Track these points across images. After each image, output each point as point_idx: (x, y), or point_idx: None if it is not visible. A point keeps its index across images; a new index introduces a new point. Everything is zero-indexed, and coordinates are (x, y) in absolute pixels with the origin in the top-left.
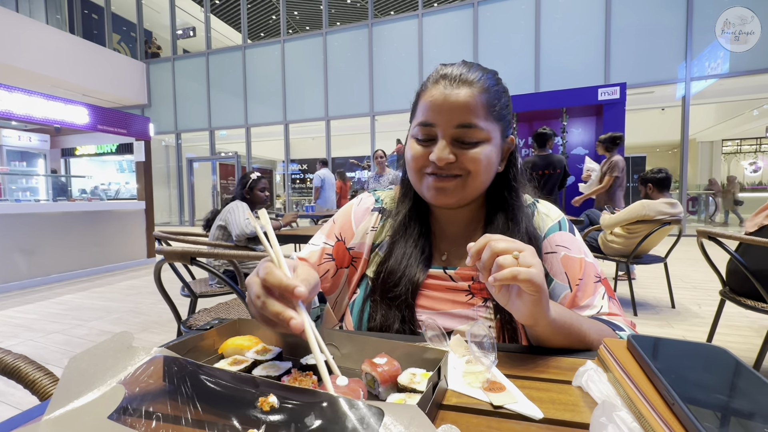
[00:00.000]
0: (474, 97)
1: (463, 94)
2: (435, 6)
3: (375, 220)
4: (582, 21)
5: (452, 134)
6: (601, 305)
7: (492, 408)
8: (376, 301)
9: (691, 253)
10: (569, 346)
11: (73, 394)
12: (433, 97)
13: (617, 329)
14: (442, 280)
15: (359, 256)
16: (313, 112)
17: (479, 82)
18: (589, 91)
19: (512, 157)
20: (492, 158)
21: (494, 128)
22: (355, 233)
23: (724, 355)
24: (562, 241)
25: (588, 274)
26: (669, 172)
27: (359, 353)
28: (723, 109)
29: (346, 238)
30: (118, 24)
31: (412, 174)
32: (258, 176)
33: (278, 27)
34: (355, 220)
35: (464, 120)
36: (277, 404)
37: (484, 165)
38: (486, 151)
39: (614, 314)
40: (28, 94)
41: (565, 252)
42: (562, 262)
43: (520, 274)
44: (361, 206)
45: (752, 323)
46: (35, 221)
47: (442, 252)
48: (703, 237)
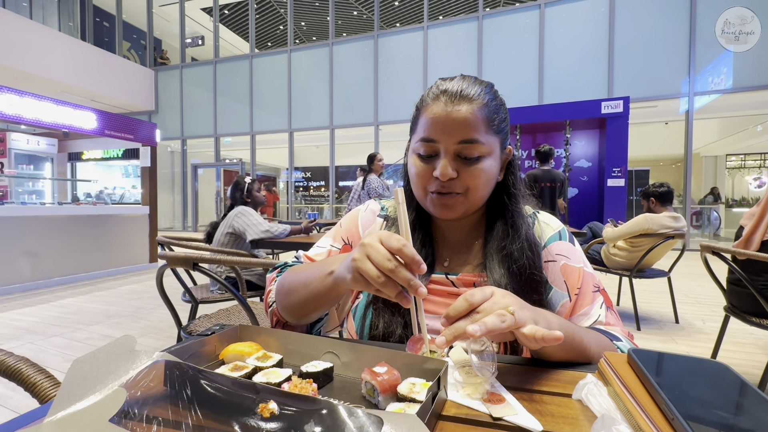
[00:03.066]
0: (474, 113)
1: (464, 110)
2: (440, 19)
3: (380, 225)
4: (586, 34)
5: (454, 150)
6: (599, 314)
7: (491, 420)
8: (378, 309)
9: (695, 268)
10: (570, 359)
11: (75, 397)
12: (434, 114)
13: (615, 339)
14: (444, 285)
15: None
16: (317, 121)
17: (479, 97)
18: (593, 105)
19: (510, 165)
20: (492, 171)
21: (494, 141)
22: (362, 237)
23: (725, 371)
24: (561, 250)
25: (586, 283)
26: (671, 186)
27: (359, 362)
28: (727, 124)
29: (353, 242)
30: (129, 32)
31: (417, 189)
32: (251, 179)
33: (285, 37)
34: (362, 225)
35: (466, 136)
36: (277, 411)
37: (484, 180)
38: (486, 166)
39: (612, 324)
40: (38, 98)
41: (565, 261)
42: (562, 271)
43: (505, 322)
44: (368, 211)
45: (757, 340)
46: (40, 224)
47: (444, 258)
48: (706, 252)
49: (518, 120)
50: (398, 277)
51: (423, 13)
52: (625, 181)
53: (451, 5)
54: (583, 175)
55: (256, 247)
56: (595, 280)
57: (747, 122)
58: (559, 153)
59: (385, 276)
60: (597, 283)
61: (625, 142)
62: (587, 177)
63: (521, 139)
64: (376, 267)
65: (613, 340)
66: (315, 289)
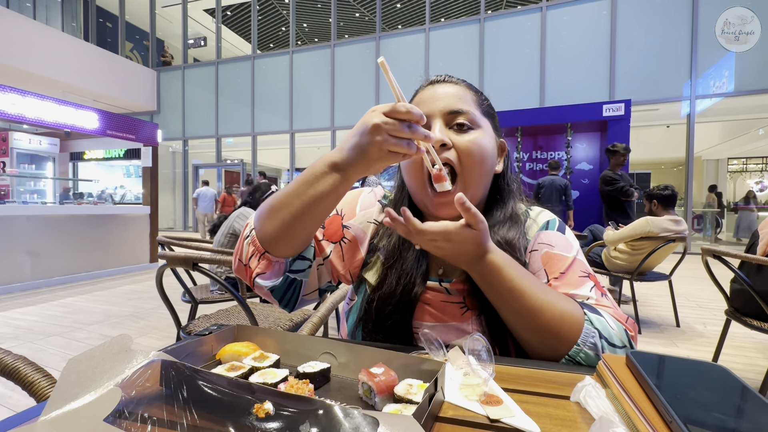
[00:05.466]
0: (461, 90)
1: (450, 88)
2: (442, 21)
3: (379, 212)
4: (587, 37)
5: (445, 120)
6: (588, 297)
7: (488, 422)
8: (370, 332)
9: (697, 272)
10: (514, 316)
11: (70, 396)
12: (423, 97)
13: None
14: (438, 292)
15: (354, 241)
16: (319, 122)
17: (464, 82)
18: (594, 107)
19: (506, 160)
20: (487, 148)
21: (484, 120)
22: (357, 214)
23: (724, 374)
24: (544, 239)
25: (573, 269)
26: (675, 189)
27: (356, 362)
28: (728, 127)
29: (345, 215)
30: (132, 32)
31: (413, 179)
32: (276, 189)
33: (287, 38)
34: (361, 203)
35: (454, 106)
36: (273, 411)
37: (479, 153)
38: (479, 137)
39: (605, 306)
40: (40, 98)
41: (547, 249)
42: (542, 259)
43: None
44: (371, 194)
45: (758, 344)
46: (40, 223)
47: (439, 265)
48: (708, 255)
49: (519, 122)
50: (401, 133)
51: (425, 15)
52: None
53: (453, 7)
54: (584, 178)
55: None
56: (585, 267)
57: (749, 126)
58: (561, 155)
59: (406, 142)
60: (587, 270)
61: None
62: (588, 180)
63: (522, 141)
64: (399, 137)
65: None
66: (311, 195)
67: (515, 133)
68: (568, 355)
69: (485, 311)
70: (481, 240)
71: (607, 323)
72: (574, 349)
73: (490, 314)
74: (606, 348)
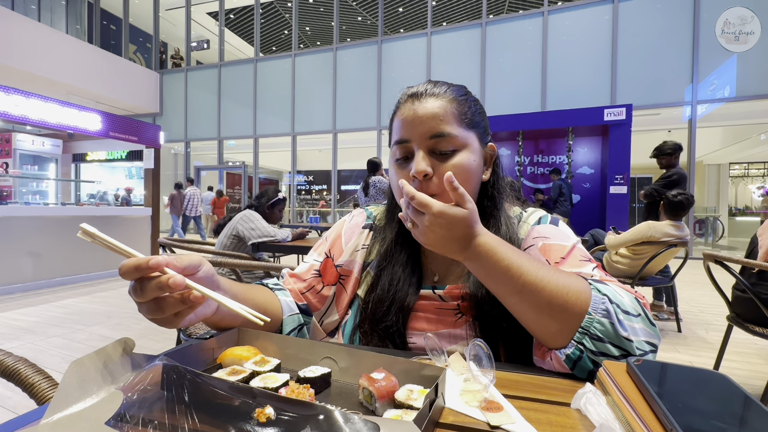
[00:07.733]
0: (443, 107)
1: (431, 105)
2: (444, 25)
3: (366, 237)
4: (589, 42)
5: (427, 146)
6: (591, 275)
7: (489, 428)
8: (365, 332)
9: (698, 277)
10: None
11: (72, 399)
12: (404, 115)
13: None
14: (432, 300)
15: (348, 274)
16: (320, 125)
17: (446, 94)
18: (595, 112)
19: (495, 165)
20: (472, 166)
21: (469, 135)
22: (344, 251)
23: (725, 382)
24: (539, 233)
25: (573, 254)
26: (692, 199)
27: (357, 368)
28: (730, 132)
29: (334, 255)
30: (135, 35)
31: (399, 199)
32: (283, 196)
33: (290, 41)
34: (345, 238)
35: (436, 130)
36: (274, 416)
37: (463, 176)
38: (464, 160)
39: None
40: (44, 100)
41: (543, 241)
42: (541, 250)
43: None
44: (352, 223)
45: (761, 350)
46: (42, 224)
47: (433, 273)
48: (709, 260)
49: (521, 126)
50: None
51: (427, 19)
52: (627, 188)
53: (455, 12)
54: (585, 182)
55: (258, 250)
56: (585, 254)
57: (750, 131)
58: (562, 160)
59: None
60: (587, 256)
61: (627, 150)
62: (589, 184)
63: (524, 145)
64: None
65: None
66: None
67: (516, 137)
68: (582, 329)
69: (479, 317)
70: (471, 221)
71: (615, 291)
72: (587, 319)
73: (484, 320)
74: (619, 314)
